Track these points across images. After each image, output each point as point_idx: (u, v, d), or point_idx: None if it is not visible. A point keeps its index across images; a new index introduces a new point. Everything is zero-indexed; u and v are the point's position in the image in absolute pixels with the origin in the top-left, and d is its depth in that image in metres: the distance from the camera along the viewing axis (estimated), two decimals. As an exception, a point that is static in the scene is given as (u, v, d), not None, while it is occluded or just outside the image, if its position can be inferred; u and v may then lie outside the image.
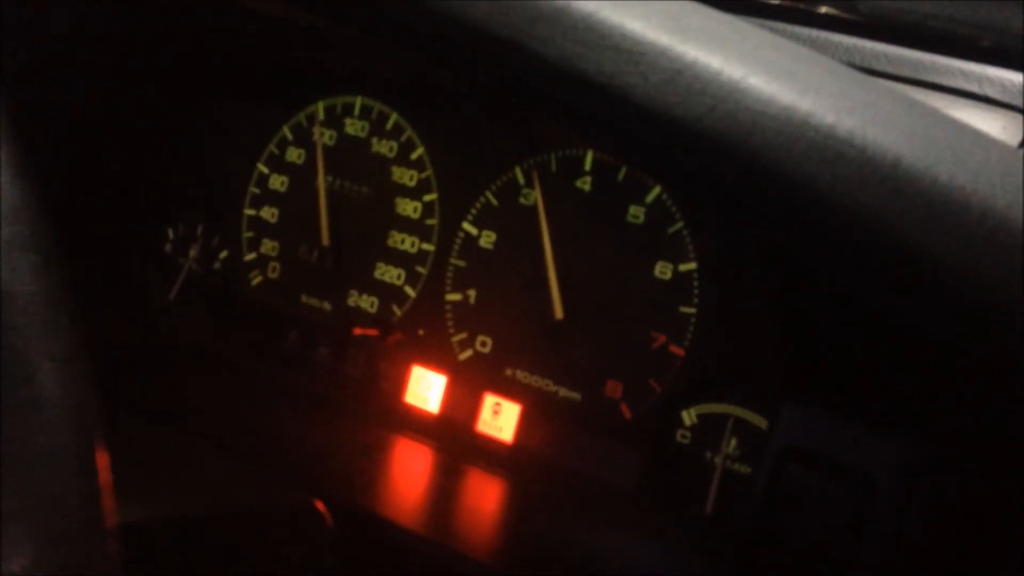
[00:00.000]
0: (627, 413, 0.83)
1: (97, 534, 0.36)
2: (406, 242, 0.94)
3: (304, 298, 0.98)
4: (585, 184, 0.87)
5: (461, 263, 0.91)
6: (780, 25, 0.81)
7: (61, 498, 0.35)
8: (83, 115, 0.98)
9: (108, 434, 0.39)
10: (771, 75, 0.41)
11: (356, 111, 0.98)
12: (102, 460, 0.37)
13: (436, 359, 0.91)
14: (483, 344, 0.89)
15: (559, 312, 0.85)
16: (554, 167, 0.88)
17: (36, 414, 0.35)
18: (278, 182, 1.01)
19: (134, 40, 0.96)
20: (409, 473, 0.85)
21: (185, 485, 0.69)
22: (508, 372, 0.88)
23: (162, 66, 1.01)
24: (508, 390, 0.88)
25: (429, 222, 0.93)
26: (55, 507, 0.35)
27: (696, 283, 0.81)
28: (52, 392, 0.36)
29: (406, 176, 0.95)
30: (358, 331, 0.94)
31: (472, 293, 0.91)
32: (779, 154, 0.40)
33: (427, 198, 0.94)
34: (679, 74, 0.41)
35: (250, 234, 1.02)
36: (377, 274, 0.95)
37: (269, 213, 1.01)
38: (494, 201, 0.91)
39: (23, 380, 0.35)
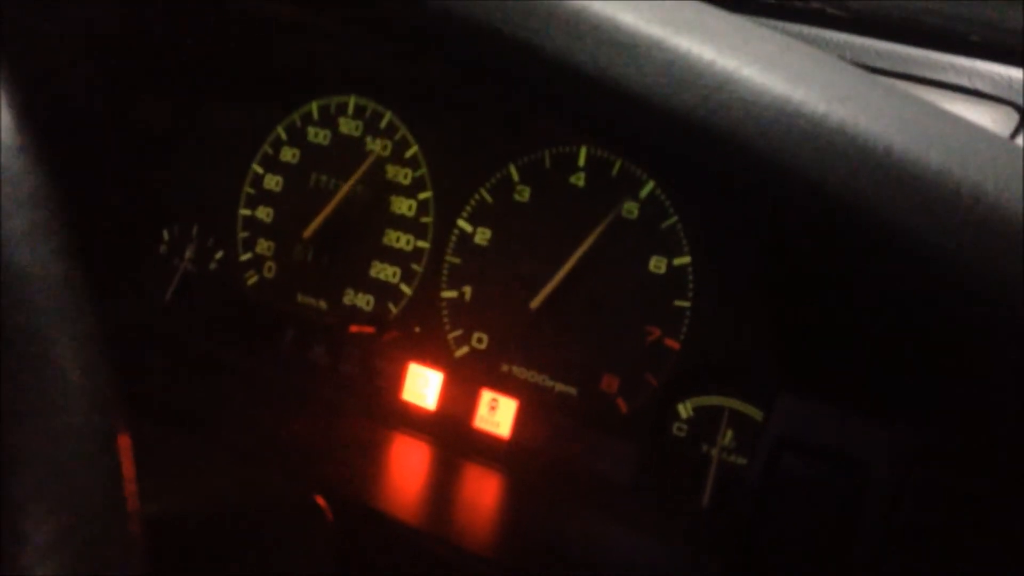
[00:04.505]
0: (623, 407, 0.84)
1: (118, 507, 0.36)
2: (401, 240, 0.94)
3: (300, 297, 0.99)
4: (579, 180, 0.87)
5: (456, 260, 0.92)
6: (771, 22, 0.81)
7: (82, 476, 0.35)
8: (77, 118, 0.98)
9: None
10: (763, 65, 0.41)
11: (350, 110, 0.98)
12: (123, 441, 0.37)
13: (432, 356, 0.91)
14: (479, 340, 0.90)
15: (552, 308, 0.86)
16: (548, 163, 0.89)
17: (57, 396, 0.36)
18: (273, 182, 1.01)
19: (127, 42, 0.96)
20: (407, 469, 0.85)
21: (184, 483, 0.69)
22: (504, 368, 0.89)
23: (156, 68, 1.01)
24: (504, 386, 0.88)
25: (424, 220, 0.94)
26: (76, 485, 0.35)
27: (690, 277, 0.82)
28: (73, 374, 0.36)
29: (400, 174, 0.95)
30: (354, 329, 0.94)
31: (468, 290, 0.91)
32: (772, 143, 0.40)
33: (422, 196, 0.94)
34: (672, 65, 0.41)
35: (245, 234, 1.02)
36: (373, 272, 0.95)
37: (264, 213, 1.01)
38: (489, 198, 0.91)
39: (42, 361, 0.36)
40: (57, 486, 0.35)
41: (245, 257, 1.02)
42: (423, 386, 0.91)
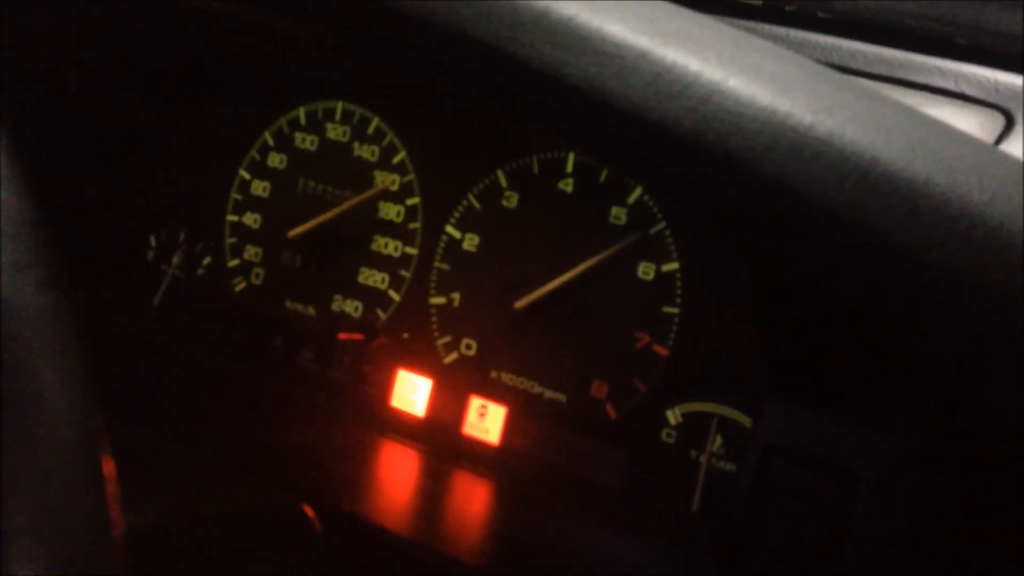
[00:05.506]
0: (612, 413, 0.84)
1: (104, 541, 0.36)
2: (389, 246, 0.94)
3: (288, 303, 0.98)
4: (567, 186, 0.87)
5: (445, 266, 0.92)
6: (756, 25, 0.81)
7: (68, 508, 0.35)
8: (64, 123, 0.98)
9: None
10: (750, 76, 0.41)
11: (337, 116, 0.98)
12: (108, 469, 0.37)
13: (421, 362, 0.91)
14: (468, 347, 0.90)
15: (540, 314, 0.85)
16: (536, 169, 0.89)
17: (41, 428, 0.35)
18: (260, 188, 1.01)
19: (115, 47, 0.96)
20: (396, 476, 0.85)
21: (172, 491, 0.69)
22: (493, 374, 0.88)
23: (143, 73, 1.01)
24: (493, 392, 0.88)
25: (412, 226, 0.93)
26: (62, 518, 0.35)
27: (679, 283, 0.82)
28: (56, 405, 0.36)
29: (388, 180, 0.95)
30: (343, 336, 0.94)
31: (456, 296, 0.91)
32: (759, 155, 0.40)
33: (410, 202, 0.94)
34: (659, 77, 0.41)
35: (233, 240, 1.02)
36: (361, 278, 0.95)
37: (252, 219, 1.01)
38: (477, 204, 0.91)
39: (28, 392, 0.35)
40: (41, 519, 0.34)
41: (233, 263, 1.01)
42: (412, 393, 0.90)
